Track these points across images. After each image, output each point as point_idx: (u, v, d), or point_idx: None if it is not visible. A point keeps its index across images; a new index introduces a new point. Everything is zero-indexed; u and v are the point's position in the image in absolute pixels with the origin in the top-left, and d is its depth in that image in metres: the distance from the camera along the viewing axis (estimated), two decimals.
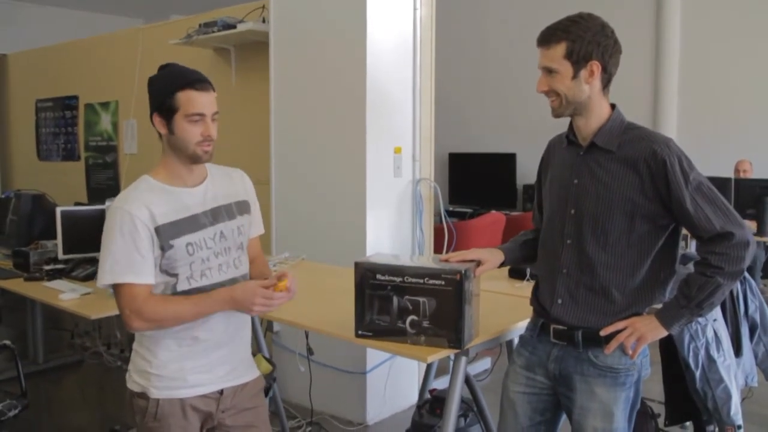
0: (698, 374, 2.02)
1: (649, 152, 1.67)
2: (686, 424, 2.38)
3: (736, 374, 2.11)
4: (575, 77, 1.70)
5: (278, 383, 3.18)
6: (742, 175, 5.69)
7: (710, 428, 2.12)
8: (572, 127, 1.82)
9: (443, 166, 8.11)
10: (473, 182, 8.16)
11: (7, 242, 3.87)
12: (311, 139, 3.71)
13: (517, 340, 2.06)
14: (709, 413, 2.07)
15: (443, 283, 1.78)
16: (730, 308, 2.21)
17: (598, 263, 1.74)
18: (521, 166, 7.66)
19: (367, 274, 1.86)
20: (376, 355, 3.48)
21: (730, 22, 6.49)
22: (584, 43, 1.68)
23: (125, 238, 1.64)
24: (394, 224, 3.63)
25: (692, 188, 1.65)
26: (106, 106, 5.72)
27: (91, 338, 4.70)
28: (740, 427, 2.05)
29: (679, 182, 1.65)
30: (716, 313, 2.10)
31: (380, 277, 1.84)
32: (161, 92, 1.69)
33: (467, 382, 2.54)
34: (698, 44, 6.67)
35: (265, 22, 3.97)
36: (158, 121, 1.71)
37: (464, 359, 1.87)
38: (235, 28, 4.01)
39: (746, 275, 2.23)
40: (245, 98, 4.31)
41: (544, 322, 1.87)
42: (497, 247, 2.00)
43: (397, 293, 1.83)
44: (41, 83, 6.45)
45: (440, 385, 2.95)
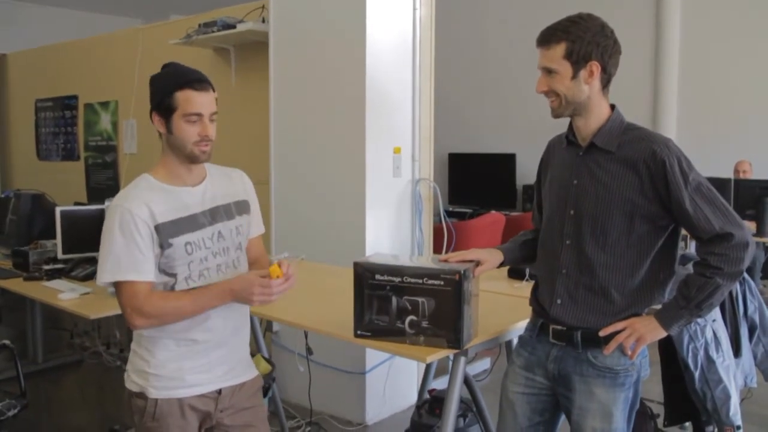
0: (697, 375, 2.02)
1: (648, 153, 1.67)
2: (685, 424, 2.38)
3: (735, 375, 2.11)
4: (575, 77, 1.70)
5: (277, 383, 3.18)
6: (741, 175, 5.69)
7: (709, 429, 2.12)
8: (572, 127, 1.82)
9: (443, 166, 8.11)
10: (473, 182, 8.16)
11: (6, 242, 3.88)
12: (311, 139, 3.71)
13: (516, 340, 2.06)
14: (708, 414, 2.06)
15: (442, 283, 1.78)
16: (729, 309, 2.21)
17: (597, 264, 1.74)
18: (521, 166, 7.66)
19: (366, 274, 1.86)
20: (375, 355, 3.48)
21: (729, 22, 6.49)
22: (584, 43, 1.68)
23: (125, 235, 1.64)
24: (393, 224, 3.63)
25: (691, 189, 1.65)
26: (105, 105, 5.72)
27: (90, 338, 4.70)
28: (739, 427, 2.05)
29: (678, 183, 1.65)
30: (715, 313, 2.10)
31: (379, 277, 1.84)
32: (160, 91, 1.69)
33: (466, 382, 2.55)
34: (698, 44, 6.67)
35: (264, 22, 3.97)
36: (157, 120, 1.71)
37: (463, 359, 1.87)
38: (234, 28, 4.01)
39: (745, 276, 2.22)
40: (245, 98, 4.31)
41: (543, 322, 1.87)
42: (496, 247, 2.00)
43: (396, 293, 1.82)
44: (41, 83, 6.46)
45: (439, 385, 2.95)
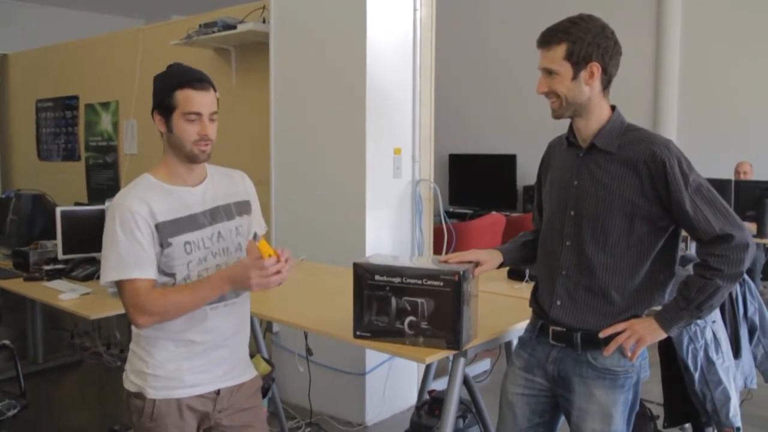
0: (697, 376, 2.01)
1: (648, 154, 1.67)
2: (685, 425, 2.37)
3: (735, 376, 2.11)
4: (575, 78, 1.70)
5: (277, 384, 3.18)
6: (742, 176, 5.69)
7: (709, 430, 2.11)
8: (572, 128, 1.82)
9: (443, 167, 8.11)
10: (473, 183, 8.16)
11: (7, 242, 3.88)
12: (311, 139, 3.71)
13: (515, 341, 2.06)
14: (708, 415, 2.06)
15: (441, 284, 1.78)
16: (729, 310, 2.21)
17: (597, 265, 1.74)
18: (521, 167, 7.66)
19: (365, 274, 1.85)
20: (375, 355, 3.48)
21: (730, 23, 6.49)
22: (584, 44, 1.68)
23: (126, 233, 1.64)
24: (393, 225, 3.63)
25: (692, 190, 1.65)
26: (106, 106, 5.72)
27: (90, 338, 4.70)
28: (739, 429, 2.05)
29: (678, 184, 1.65)
30: (715, 315, 2.09)
31: (379, 277, 1.84)
32: (161, 90, 1.70)
33: (466, 383, 2.55)
34: (698, 45, 6.67)
35: (265, 22, 3.97)
36: (158, 119, 1.72)
37: (462, 360, 1.87)
38: (235, 28, 4.01)
39: (745, 277, 2.22)
40: (245, 99, 4.31)
41: (543, 323, 1.86)
42: (496, 247, 2.00)
43: (395, 294, 1.82)
44: (42, 83, 6.46)
45: (439, 386, 2.95)
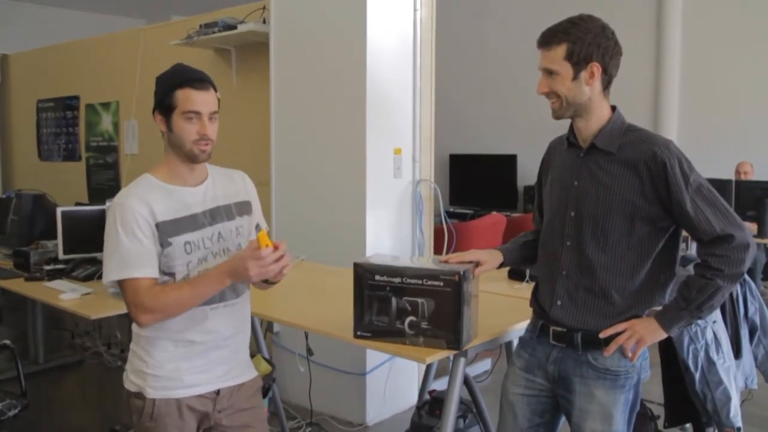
0: (698, 376, 2.01)
1: (649, 154, 1.67)
2: (686, 426, 2.37)
3: (735, 376, 2.10)
4: (575, 79, 1.70)
5: (278, 384, 3.18)
6: (742, 176, 5.69)
7: (710, 430, 2.11)
8: (572, 128, 1.82)
9: (444, 167, 8.11)
10: (474, 183, 8.16)
11: (7, 242, 3.88)
12: (311, 139, 3.71)
13: (516, 341, 2.06)
14: (708, 415, 2.06)
15: (442, 284, 1.78)
16: (729, 310, 2.20)
17: (597, 265, 1.74)
18: (522, 167, 7.66)
19: (365, 274, 1.86)
20: (375, 355, 3.48)
21: (731, 23, 6.48)
22: (584, 44, 1.68)
23: (127, 232, 1.65)
24: (394, 225, 3.63)
25: (692, 190, 1.65)
26: (107, 106, 5.73)
27: (91, 338, 4.70)
28: (740, 429, 2.04)
29: (679, 184, 1.65)
30: (716, 315, 2.09)
31: (379, 278, 1.84)
32: (162, 90, 1.71)
33: (466, 383, 2.55)
34: (699, 46, 6.67)
35: (265, 23, 3.97)
36: (159, 118, 1.73)
37: (463, 360, 1.87)
38: (235, 28, 4.02)
39: (746, 277, 2.21)
40: (246, 99, 4.31)
41: (543, 323, 1.86)
42: (496, 247, 2.00)
43: (395, 294, 1.82)
44: (42, 83, 6.47)
45: (440, 386, 2.94)
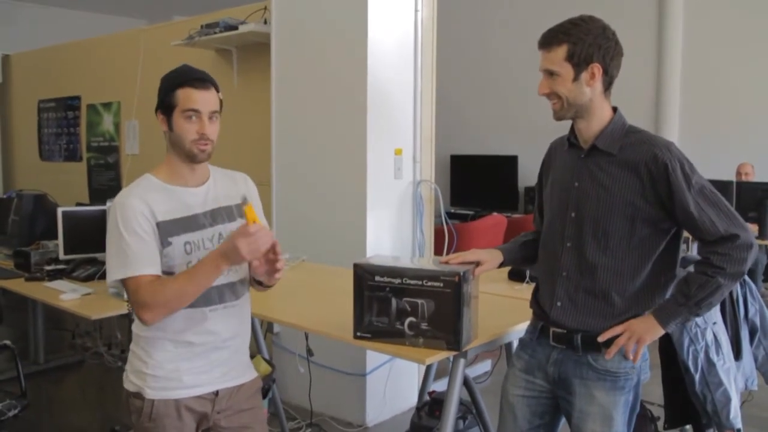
0: (698, 377, 2.01)
1: (650, 156, 1.67)
2: (686, 427, 2.36)
3: (735, 377, 2.10)
4: (576, 80, 1.70)
5: (278, 384, 3.18)
6: (743, 178, 5.69)
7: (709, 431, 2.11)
8: (573, 129, 1.82)
9: (445, 168, 8.11)
10: (475, 184, 8.16)
11: (8, 242, 3.89)
12: (312, 140, 3.71)
13: (516, 342, 2.05)
14: (708, 416, 2.05)
15: (442, 285, 1.78)
16: (729, 311, 2.20)
17: (598, 266, 1.74)
18: (523, 168, 7.66)
19: (365, 275, 1.86)
20: (376, 356, 3.48)
21: (732, 23, 6.48)
22: (585, 45, 1.68)
23: (129, 231, 1.65)
24: (394, 226, 3.63)
25: (695, 192, 1.65)
26: (108, 106, 5.73)
27: (91, 338, 4.70)
28: (740, 430, 2.04)
29: (681, 186, 1.65)
30: (716, 316, 2.09)
31: (379, 278, 1.84)
32: (164, 89, 1.72)
33: (466, 384, 2.55)
34: (700, 47, 6.67)
35: (266, 23, 3.97)
36: (161, 117, 1.73)
37: (462, 361, 1.87)
38: (236, 29, 4.02)
39: (746, 278, 2.21)
40: (247, 99, 4.31)
41: (543, 325, 1.86)
42: (496, 247, 2.00)
43: (395, 295, 1.82)
44: (44, 84, 6.47)
45: (440, 387, 2.94)
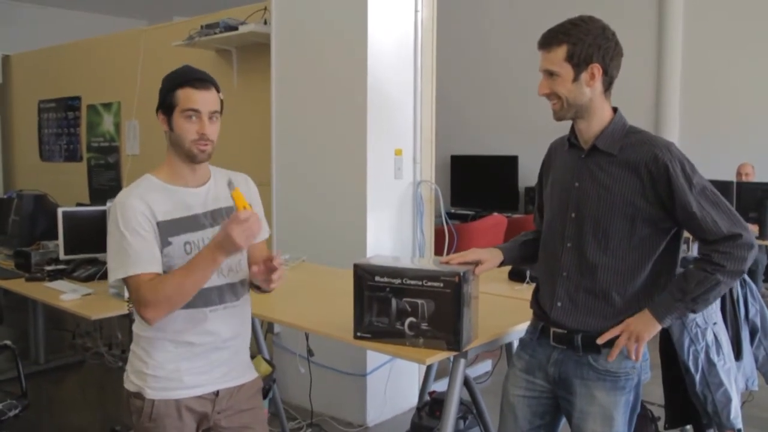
0: (698, 378, 2.01)
1: (650, 156, 1.67)
2: (686, 427, 2.36)
3: (736, 378, 2.10)
4: (576, 80, 1.70)
5: (278, 385, 3.18)
6: (744, 178, 5.69)
7: None
8: (574, 129, 1.82)
9: (445, 168, 8.11)
10: (475, 184, 8.16)
11: (9, 242, 3.89)
12: (312, 140, 3.71)
13: (516, 343, 2.05)
14: (708, 417, 2.05)
15: (442, 285, 1.78)
16: (730, 312, 2.20)
17: (598, 266, 1.74)
18: (523, 168, 7.66)
19: (365, 275, 1.86)
20: (376, 356, 3.48)
21: (732, 24, 6.48)
22: (585, 45, 1.67)
23: (129, 230, 1.65)
24: (394, 226, 3.63)
25: (697, 192, 1.65)
26: (108, 107, 5.73)
27: (92, 339, 4.71)
28: (740, 430, 2.04)
29: (683, 187, 1.65)
30: (716, 316, 2.09)
31: (379, 279, 1.84)
32: (164, 89, 1.73)
33: (466, 384, 2.54)
34: (700, 46, 6.67)
35: (266, 23, 3.98)
36: (161, 117, 1.74)
37: (463, 361, 1.87)
38: (236, 29, 4.02)
39: (747, 278, 2.22)
40: (247, 100, 4.31)
41: (544, 325, 1.86)
42: (496, 246, 2.00)
43: (395, 295, 1.82)
44: (44, 84, 6.48)
45: (441, 387, 2.94)
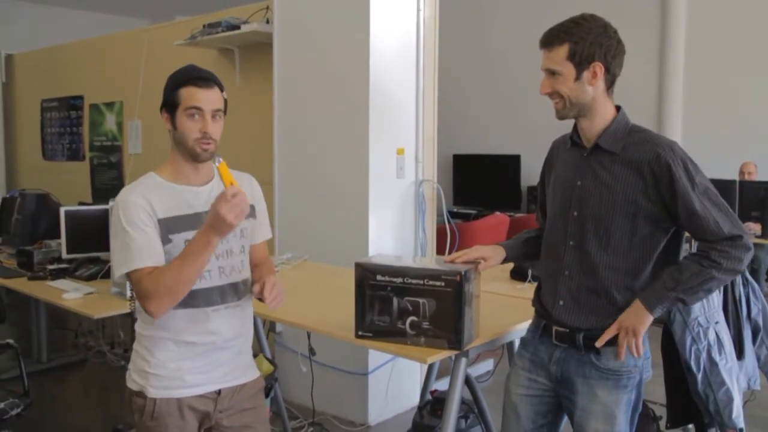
0: (700, 377, 2.00)
1: (653, 155, 1.67)
2: (688, 426, 2.36)
3: (738, 377, 2.10)
4: (578, 79, 1.69)
5: (280, 384, 3.18)
6: (746, 177, 5.68)
7: (712, 431, 2.11)
8: (576, 128, 1.81)
9: (448, 167, 8.12)
10: (478, 184, 8.16)
11: (11, 241, 3.90)
12: (314, 139, 3.71)
13: (517, 342, 2.05)
14: (710, 416, 2.05)
15: (443, 284, 1.78)
16: (732, 311, 2.20)
17: (600, 265, 1.73)
18: (525, 167, 7.66)
19: (367, 274, 1.86)
20: (378, 355, 3.48)
21: (735, 22, 6.47)
22: (587, 44, 1.67)
23: (131, 225, 1.66)
24: (396, 225, 3.62)
25: (700, 192, 1.65)
26: (110, 106, 5.74)
27: (94, 337, 4.72)
28: (742, 430, 2.04)
29: (685, 186, 1.64)
30: (718, 315, 2.09)
31: (380, 277, 1.84)
32: (168, 88, 1.73)
33: (468, 383, 2.54)
34: (703, 45, 6.66)
35: (268, 23, 3.98)
36: (165, 116, 1.74)
37: (464, 360, 1.87)
38: (239, 28, 4.02)
39: (749, 278, 2.21)
40: (249, 99, 4.31)
41: (546, 323, 1.86)
42: (499, 243, 2.01)
43: (397, 294, 1.82)
44: (47, 83, 6.49)
45: (442, 386, 2.94)
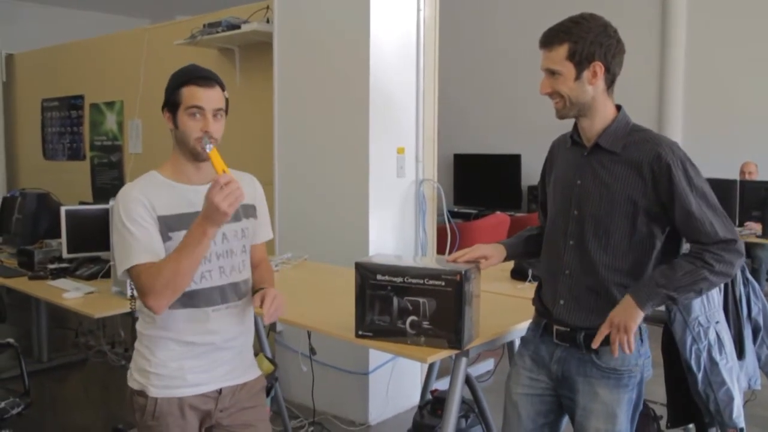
0: (700, 377, 2.00)
1: (653, 155, 1.67)
2: (688, 426, 2.36)
3: (738, 377, 2.10)
4: (578, 78, 1.69)
5: (280, 383, 3.18)
6: (747, 177, 5.68)
7: (712, 431, 2.11)
8: (577, 127, 1.81)
9: (448, 167, 8.12)
10: (478, 183, 8.16)
11: (12, 241, 3.90)
12: (314, 139, 3.71)
13: (518, 341, 2.05)
14: (711, 416, 2.05)
15: (443, 284, 1.78)
16: (732, 311, 2.20)
17: (600, 264, 1.74)
18: (526, 166, 7.66)
19: (367, 274, 1.86)
20: (378, 355, 3.48)
21: (735, 21, 6.47)
22: (586, 44, 1.67)
23: (131, 221, 1.66)
24: (397, 225, 3.62)
25: (698, 194, 1.65)
26: (111, 105, 5.74)
27: (95, 337, 4.72)
28: (742, 429, 2.04)
29: (684, 187, 1.64)
30: (719, 315, 2.09)
31: (380, 277, 1.84)
32: (170, 87, 1.74)
33: (468, 383, 2.54)
34: (703, 45, 6.65)
35: (269, 22, 3.98)
36: (167, 115, 1.74)
37: (464, 360, 1.87)
38: (239, 28, 4.02)
39: (749, 278, 2.21)
40: (249, 98, 4.31)
41: (546, 322, 1.86)
42: (500, 242, 2.01)
43: (397, 294, 1.83)
44: (47, 83, 6.49)
45: (443, 385, 2.94)
